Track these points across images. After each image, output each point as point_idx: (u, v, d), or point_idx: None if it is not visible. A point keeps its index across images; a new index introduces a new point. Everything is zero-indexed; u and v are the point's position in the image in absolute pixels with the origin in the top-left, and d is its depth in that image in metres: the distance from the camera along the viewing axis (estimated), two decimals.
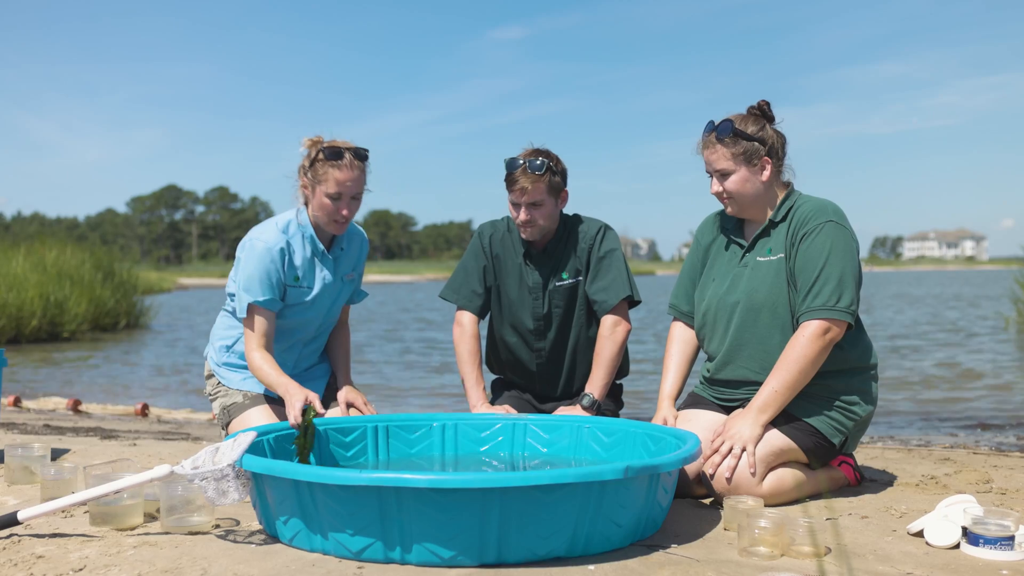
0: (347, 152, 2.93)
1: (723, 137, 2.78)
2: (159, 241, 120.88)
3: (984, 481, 3.10)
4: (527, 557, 2.07)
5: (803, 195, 2.87)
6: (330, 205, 2.96)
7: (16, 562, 2.13)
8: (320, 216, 3.02)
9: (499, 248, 3.42)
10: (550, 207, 3.24)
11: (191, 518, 2.39)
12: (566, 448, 3.05)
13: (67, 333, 15.14)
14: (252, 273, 2.97)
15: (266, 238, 3.02)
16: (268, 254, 2.98)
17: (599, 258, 3.33)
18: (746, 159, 2.78)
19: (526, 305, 3.38)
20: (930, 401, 7.32)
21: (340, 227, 3.03)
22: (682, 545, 2.27)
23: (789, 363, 2.63)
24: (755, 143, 2.78)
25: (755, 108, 2.86)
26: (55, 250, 17.16)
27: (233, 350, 3.22)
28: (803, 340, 2.64)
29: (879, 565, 2.12)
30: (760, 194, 2.82)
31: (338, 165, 2.92)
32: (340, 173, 2.92)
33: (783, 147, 2.86)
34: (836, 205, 2.81)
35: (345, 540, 2.10)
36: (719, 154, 2.79)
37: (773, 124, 2.85)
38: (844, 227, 2.74)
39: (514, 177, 3.19)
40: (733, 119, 2.81)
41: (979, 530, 2.20)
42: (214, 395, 3.24)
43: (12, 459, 3.06)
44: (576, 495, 2.07)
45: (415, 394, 8.34)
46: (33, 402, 6.56)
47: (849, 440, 2.82)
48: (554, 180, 3.22)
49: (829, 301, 2.65)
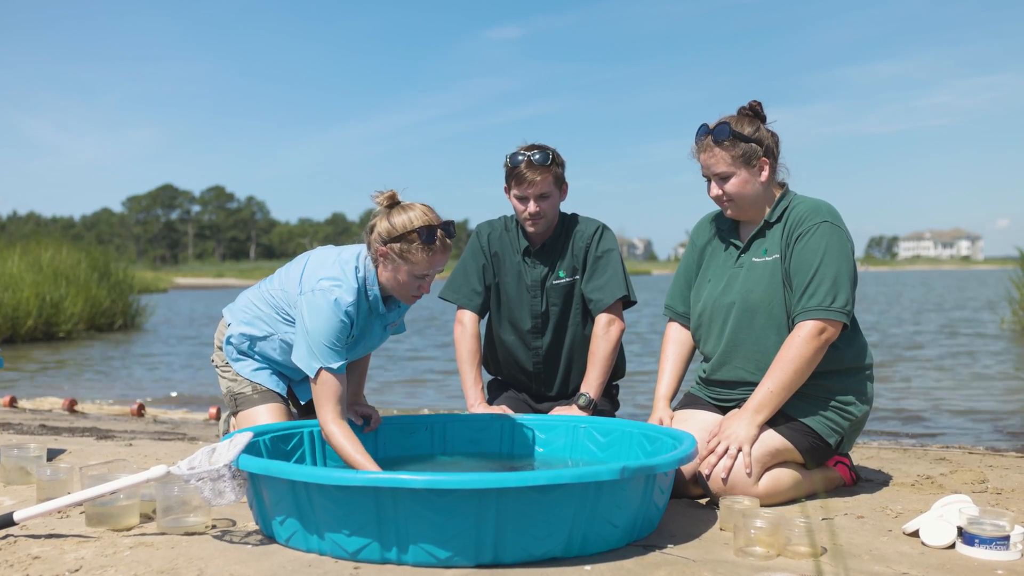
0: (439, 231, 2.71)
1: (721, 140, 2.77)
2: (155, 241, 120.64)
3: (980, 481, 3.11)
4: (523, 558, 2.08)
5: (798, 195, 2.88)
6: (412, 283, 2.77)
7: (12, 563, 2.13)
8: (397, 290, 2.80)
9: (498, 246, 3.44)
10: (556, 198, 3.30)
11: (187, 519, 2.39)
12: (562, 448, 3.06)
13: (63, 333, 15.12)
14: (324, 331, 2.69)
15: (342, 295, 2.74)
16: (341, 311, 2.72)
17: (596, 257, 3.34)
18: (745, 161, 2.77)
19: (524, 303, 3.39)
20: (928, 401, 7.33)
21: (413, 301, 2.87)
22: (678, 545, 2.27)
23: (785, 363, 2.64)
24: (753, 144, 2.77)
25: (747, 109, 2.85)
26: (51, 250, 17.16)
27: (257, 351, 3.10)
28: (799, 340, 2.64)
29: (875, 565, 2.13)
30: (759, 195, 2.82)
31: (431, 248, 2.70)
32: (432, 256, 2.71)
33: (778, 146, 2.86)
34: (831, 205, 2.81)
35: (342, 540, 2.10)
36: (717, 157, 2.78)
37: (766, 124, 2.85)
38: (839, 227, 2.75)
39: (520, 171, 3.22)
40: (729, 121, 2.80)
41: (975, 530, 2.21)
42: (223, 372, 3.16)
43: (8, 459, 3.05)
44: (572, 496, 2.07)
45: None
46: (29, 402, 6.54)
47: (845, 440, 2.82)
48: (557, 171, 3.27)
49: (824, 301, 2.65)
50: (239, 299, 3.16)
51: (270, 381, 3.13)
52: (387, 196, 2.74)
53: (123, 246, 77.67)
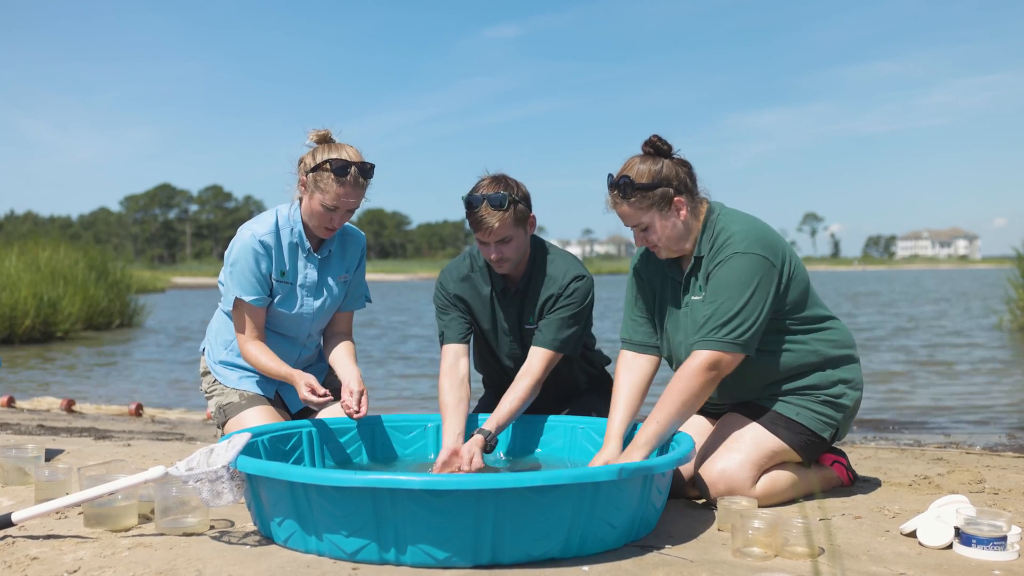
0: (353, 168, 2.89)
1: (627, 197, 2.64)
2: (153, 240, 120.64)
3: (977, 481, 3.11)
4: (521, 558, 2.08)
5: (721, 218, 2.71)
6: (323, 214, 2.96)
7: (11, 564, 2.13)
8: (310, 220, 3.02)
9: (463, 292, 3.17)
10: (520, 239, 2.98)
11: (186, 519, 2.39)
12: (560, 449, 3.06)
13: (61, 333, 15.10)
14: (239, 263, 3.00)
15: (255, 228, 3.04)
16: (256, 242, 3.00)
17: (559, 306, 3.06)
18: (659, 208, 2.65)
19: (503, 345, 3.22)
20: (926, 401, 7.34)
21: (327, 234, 3.04)
22: (676, 546, 2.27)
23: (673, 395, 2.57)
24: (660, 189, 2.63)
25: (648, 146, 2.68)
26: (48, 249, 17.14)
27: (232, 348, 3.21)
28: (688, 372, 2.57)
29: (872, 566, 2.13)
30: (683, 234, 2.70)
31: (341, 181, 2.89)
32: (341, 189, 2.89)
33: (690, 176, 2.70)
34: (753, 227, 2.67)
35: (340, 541, 2.10)
36: (630, 212, 2.67)
37: (671, 156, 2.68)
38: (752, 255, 2.61)
39: (478, 216, 2.90)
40: (629, 173, 2.64)
41: (972, 530, 2.21)
42: (210, 393, 3.23)
43: (6, 460, 3.05)
44: (570, 496, 2.08)
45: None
46: (27, 402, 6.53)
47: (840, 430, 2.82)
48: (519, 210, 2.93)
49: (719, 333, 2.57)
50: (208, 330, 3.36)
51: (256, 388, 3.16)
52: (320, 134, 2.99)
53: (121, 245, 77.56)
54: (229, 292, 3.04)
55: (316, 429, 2.92)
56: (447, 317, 3.15)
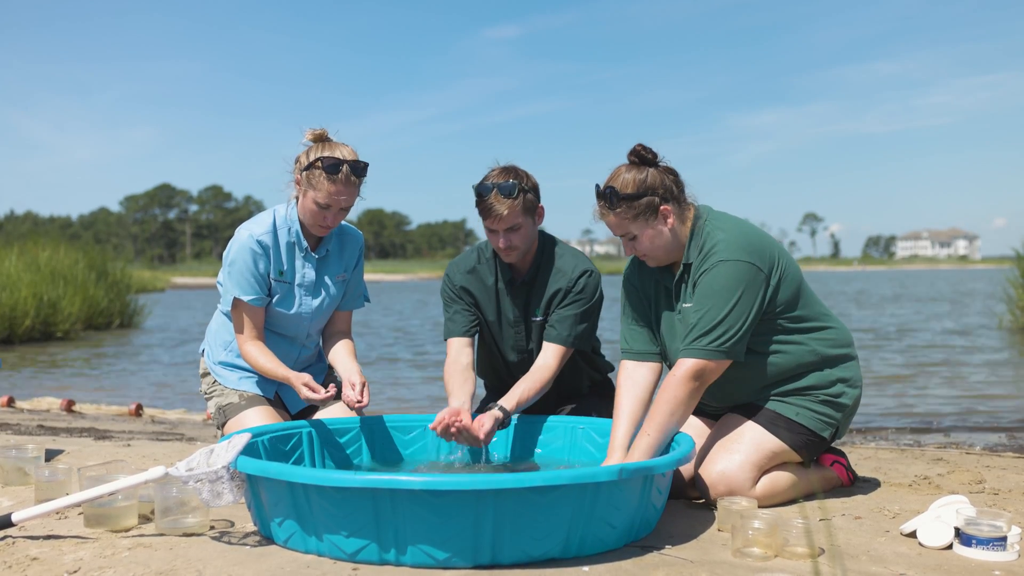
0: (345, 166, 2.91)
1: (614, 207, 2.65)
2: (152, 240, 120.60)
3: (977, 481, 3.11)
4: (521, 558, 2.08)
5: (711, 222, 2.72)
6: (317, 212, 2.98)
7: (11, 564, 2.13)
8: (306, 218, 3.04)
9: (469, 284, 3.22)
10: (528, 227, 3.04)
11: (186, 520, 2.39)
12: (560, 449, 3.06)
13: (60, 333, 15.09)
14: (237, 262, 3.02)
15: (253, 228, 3.06)
16: (253, 242, 3.02)
17: (569, 302, 3.12)
18: (646, 217, 2.65)
19: (508, 338, 3.25)
20: (925, 401, 7.34)
21: (323, 232, 3.06)
22: (676, 546, 2.27)
23: (662, 405, 2.57)
24: (646, 198, 2.63)
25: (633, 156, 2.68)
26: (48, 249, 17.12)
27: (231, 348, 3.22)
28: (674, 382, 2.57)
29: (872, 566, 2.13)
30: (672, 242, 2.70)
31: (333, 179, 2.91)
32: (333, 187, 2.91)
33: (676, 183, 2.70)
34: (739, 234, 2.66)
35: (340, 542, 2.10)
36: (617, 223, 2.67)
37: (657, 165, 2.69)
38: (736, 262, 2.61)
39: (487, 204, 2.96)
40: (615, 183, 2.65)
41: (972, 531, 2.21)
42: (209, 394, 3.23)
43: (6, 460, 3.05)
44: (570, 497, 2.08)
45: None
46: (27, 403, 6.53)
47: (839, 429, 2.83)
48: (528, 199, 3.00)
49: (703, 341, 2.58)
50: (207, 331, 3.35)
51: (256, 388, 3.16)
52: (316, 133, 3.00)
53: (120, 245, 77.42)
54: (228, 292, 3.05)
55: (316, 429, 2.92)
56: (452, 310, 3.21)
